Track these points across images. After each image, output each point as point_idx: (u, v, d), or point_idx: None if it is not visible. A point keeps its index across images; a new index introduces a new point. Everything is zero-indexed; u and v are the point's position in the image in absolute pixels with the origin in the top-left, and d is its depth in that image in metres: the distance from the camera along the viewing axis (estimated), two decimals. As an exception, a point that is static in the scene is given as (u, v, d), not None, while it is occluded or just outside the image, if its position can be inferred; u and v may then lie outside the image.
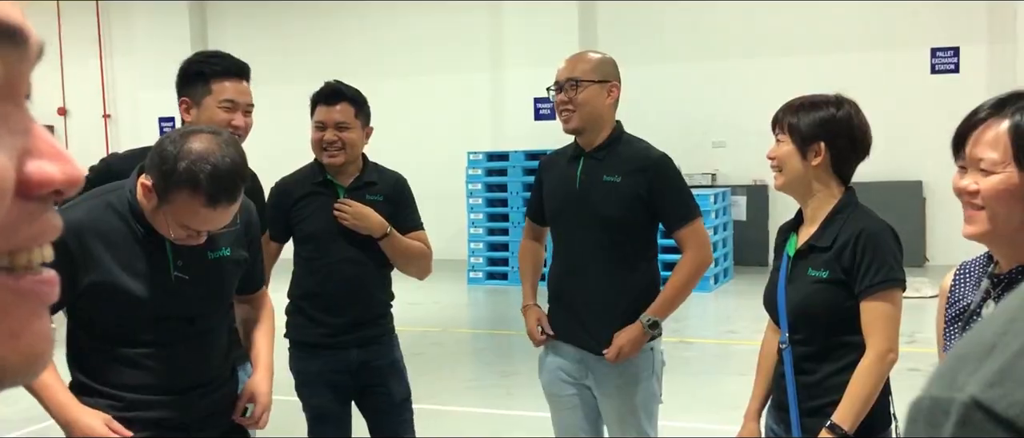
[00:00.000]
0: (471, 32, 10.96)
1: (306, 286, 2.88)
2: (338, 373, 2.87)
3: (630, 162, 2.63)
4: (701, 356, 6.34)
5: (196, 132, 1.92)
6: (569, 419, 2.76)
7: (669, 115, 10.35)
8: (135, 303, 1.99)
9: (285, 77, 11.16)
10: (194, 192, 1.84)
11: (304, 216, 2.86)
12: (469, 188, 9.85)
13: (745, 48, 10.06)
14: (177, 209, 1.88)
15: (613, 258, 2.62)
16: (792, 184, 2.15)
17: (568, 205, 2.69)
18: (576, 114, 2.64)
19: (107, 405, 2.03)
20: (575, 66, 2.67)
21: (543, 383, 2.80)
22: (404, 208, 2.95)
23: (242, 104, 2.62)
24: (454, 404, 5.22)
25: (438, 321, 7.66)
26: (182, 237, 1.95)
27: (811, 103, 2.14)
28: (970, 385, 0.31)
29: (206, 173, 1.82)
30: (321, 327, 2.86)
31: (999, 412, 0.30)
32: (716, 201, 9.07)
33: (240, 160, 1.90)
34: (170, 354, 2.06)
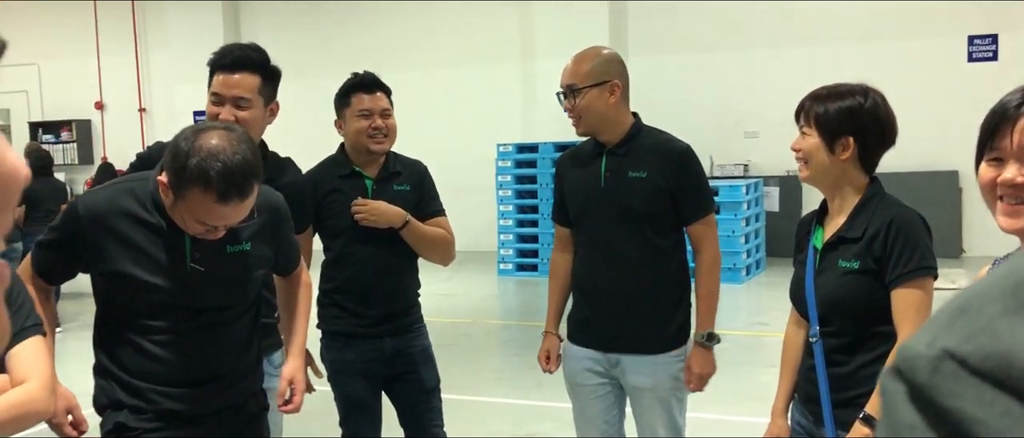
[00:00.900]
0: (501, 23, 10.95)
1: (339, 279, 2.91)
2: (372, 362, 2.90)
3: (655, 155, 2.61)
4: (732, 348, 6.28)
5: (208, 129, 1.94)
6: (592, 409, 2.75)
7: (700, 105, 10.27)
8: (148, 291, 2.03)
9: (318, 70, 11.23)
10: (206, 189, 1.86)
11: (335, 211, 2.87)
12: (499, 180, 9.86)
13: (778, 37, 9.95)
14: (191, 206, 1.91)
15: (644, 252, 2.60)
16: (818, 177, 2.12)
17: (594, 203, 2.66)
18: (582, 119, 2.62)
19: (120, 389, 2.08)
20: (574, 72, 2.62)
21: (567, 373, 2.79)
22: (428, 194, 2.98)
23: (229, 97, 2.50)
24: (483, 395, 5.24)
25: (468, 312, 7.69)
26: (200, 232, 1.98)
27: (837, 93, 2.09)
28: (941, 340, 0.32)
29: (216, 170, 1.85)
30: (355, 318, 2.89)
31: (973, 364, 0.31)
32: (748, 192, 8.99)
33: (251, 156, 1.91)
34: (183, 345, 2.08)
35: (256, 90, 2.52)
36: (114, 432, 2.07)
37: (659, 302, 2.63)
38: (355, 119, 2.85)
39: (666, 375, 2.64)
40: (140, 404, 2.06)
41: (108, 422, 2.09)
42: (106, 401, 2.10)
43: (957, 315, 0.33)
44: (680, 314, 2.67)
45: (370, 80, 2.90)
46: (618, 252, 2.62)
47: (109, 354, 2.10)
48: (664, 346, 2.63)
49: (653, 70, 10.53)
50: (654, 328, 2.62)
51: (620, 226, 2.61)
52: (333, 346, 2.94)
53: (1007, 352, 0.30)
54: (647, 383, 2.65)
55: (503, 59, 10.97)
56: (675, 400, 2.67)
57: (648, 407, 2.67)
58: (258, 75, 2.52)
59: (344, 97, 2.89)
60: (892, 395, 0.34)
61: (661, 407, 2.66)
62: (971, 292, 0.34)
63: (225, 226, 1.99)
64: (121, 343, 2.08)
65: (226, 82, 2.50)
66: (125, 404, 2.07)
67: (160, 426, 2.08)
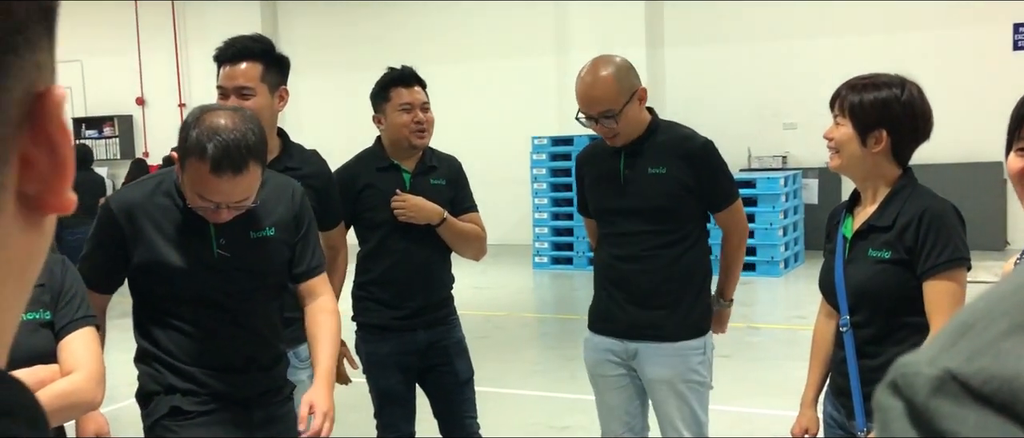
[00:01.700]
0: (537, 16, 10.93)
1: (375, 272, 2.94)
2: (407, 354, 2.93)
3: (674, 151, 2.62)
4: (769, 341, 6.24)
5: (216, 109, 2.04)
6: (614, 399, 2.76)
7: (738, 97, 10.17)
8: (178, 276, 2.09)
9: (355, 65, 11.34)
10: (201, 159, 1.94)
11: (372, 204, 2.90)
12: (534, 173, 9.86)
13: (817, 27, 9.81)
14: (190, 177, 1.99)
15: (664, 245, 2.62)
16: (848, 167, 2.11)
17: (614, 199, 2.68)
18: (621, 135, 2.61)
19: (171, 374, 2.14)
20: (603, 97, 2.55)
21: (588, 363, 2.81)
22: (462, 190, 3.01)
23: (231, 88, 2.54)
24: (518, 387, 5.26)
25: (503, 305, 7.70)
26: (201, 208, 2.05)
27: (874, 84, 2.07)
28: (943, 359, 0.31)
29: (213, 143, 1.92)
30: (390, 310, 2.92)
31: (975, 387, 0.30)
32: (786, 184, 8.88)
33: (251, 136, 1.96)
34: (212, 329, 2.14)
35: (259, 78, 2.56)
36: (169, 416, 2.12)
37: (679, 293, 2.65)
38: (396, 113, 2.87)
39: (684, 366, 2.64)
40: (193, 387, 2.13)
41: (162, 406, 2.13)
42: (156, 387, 2.15)
43: (961, 332, 0.32)
44: (699, 304, 2.69)
45: (409, 74, 2.92)
46: (639, 246, 2.64)
47: (153, 341, 2.16)
48: (681, 335, 2.64)
49: (689, 62, 10.45)
50: (673, 317, 2.64)
51: (640, 222, 2.63)
52: (368, 339, 2.97)
53: (1012, 376, 0.29)
54: (664, 374, 2.65)
55: (538, 52, 10.95)
56: (694, 393, 2.66)
57: (666, 399, 2.67)
58: (260, 63, 2.56)
59: (383, 92, 2.91)
60: (889, 412, 0.33)
61: (679, 399, 2.65)
62: (978, 306, 0.33)
63: (227, 206, 2.03)
64: (165, 330, 2.14)
65: (229, 74, 2.55)
66: (178, 388, 2.12)
67: (214, 408, 2.14)
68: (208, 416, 2.13)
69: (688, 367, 2.65)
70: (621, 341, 2.70)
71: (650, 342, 2.65)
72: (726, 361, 5.59)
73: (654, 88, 10.37)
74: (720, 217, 2.70)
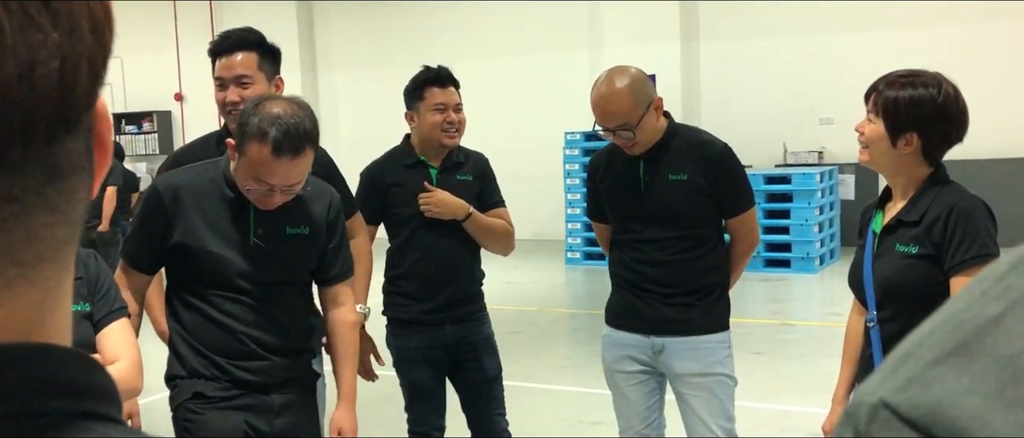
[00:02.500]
0: (570, 12, 10.90)
1: (403, 267, 2.97)
2: (435, 349, 2.95)
3: (693, 157, 2.62)
4: (804, 338, 6.18)
5: (273, 98, 2.14)
6: (634, 396, 2.76)
7: (774, 92, 10.06)
8: (213, 259, 2.16)
9: (390, 62, 11.40)
10: (262, 142, 2.03)
11: (400, 200, 2.94)
12: (566, 168, 9.84)
13: (854, 21, 9.66)
14: (249, 160, 2.07)
15: (686, 249, 2.65)
16: (878, 163, 2.11)
17: (635, 207, 2.69)
18: (639, 144, 2.61)
19: (196, 359, 2.20)
20: (619, 111, 2.56)
21: (606, 360, 2.81)
22: (489, 185, 3.04)
23: (230, 78, 2.56)
24: (549, 382, 5.26)
25: (535, 301, 7.71)
26: (254, 192, 2.12)
27: (910, 82, 2.04)
28: (882, 389, 0.33)
29: (277, 126, 2.03)
30: (418, 304, 2.95)
31: (903, 413, 0.32)
32: (822, 180, 8.78)
33: (308, 123, 2.09)
34: (239, 316, 2.20)
35: (256, 67, 2.59)
36: (193, 400, 2.19)
37: (701, 290, 2.67)
38: (429, 113, 2.90)
39: (711, 359, 2.66)
40: (216, 373, 2.19)
41: (186, 390, 2.20)
42: (181, 371, 2.22)
43: (901, 361, 0.34)
44: (721, 301, 2.72)
45: (445, 74, 2.95)
46: (661, 249, 2.66)
47: (182, 325, 2.23)
48: (707, 328, 2.66)
49: (724, 56, 10.35)
50: (698, 312, 2.67)
51: (663, 228, 2.65)
52: (397, 333, 3.00)
53: (934, 404, 0.31)
54: (692, 367, 2.66)
55: (572, 47, 10.93)
56: (722, 387, 2.68)
57: (694, 394, 2.67)
58: (255, 52, 2.60)
59: (418, 90, 2.93)
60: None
61: (708, 393, 2.66)
62: (917, 333, 0.35)
63: (280, 189, 2.10)
64: (193, 314, 2.21)
65: (226, 64, 2.58)
66: (201, 373, 2.19)
67: (236, 394, 2.21)
68: (229, 402, 2.19)
69: (714, 360, 2.67)
70: (646, 337, 2.70)
71: (676, 336, 2.66)
72: (760, 358, 5.55)
73: (688, 83, 10.30)
74: (732, 223, 2.70)
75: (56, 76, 0.38)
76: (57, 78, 0.38)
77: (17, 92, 0.36)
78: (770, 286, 7.98)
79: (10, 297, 0.39)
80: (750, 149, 9.98)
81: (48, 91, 0.37)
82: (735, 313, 2.76)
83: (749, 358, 5.55)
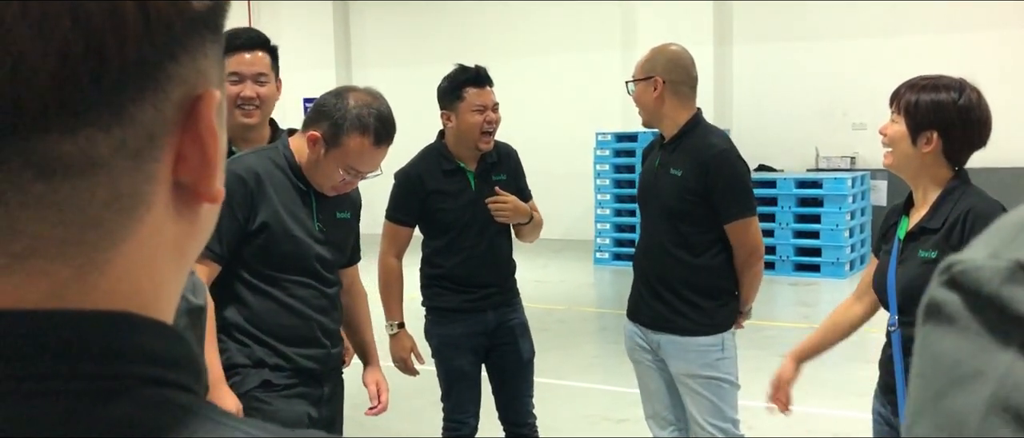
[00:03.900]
0: (604, 12, 10.93)
1: (445, 267, 3.03)
2: (477, 335, 3.04)
3: (692, 157, 2.67)
4: (832, 344, 6.17)
5: (354, 89, 2.21)
6: (652, 383, 2.89)
7: (807, 96, 10.01)
8: (294, 243, 2.21)
9: (424, 60, 11.49)
10: (364, 133, 2.13)
11: (441, 206, 2.98)
12: (597, 168, 9.87)
13: (887, 26, 9.59)
14: (346, 152, 2.15)
15: (678, 244, 2.71)
16: (900, 165, 2.15)
17: (646, 194, 2.84)
18: (642, 112, 2.77)
19: (260, 348, 2.23)
20: (637, 64, 2.78)
21: (626, 349, 2.96)
22: (522, 180, 3.12)
23: (249, 74, 2.55)
24: (576, 379, 5.32)
25: (563, 299, 7.76)
26: (338, 183, 2.19)
27: (932, 85, 2.09)
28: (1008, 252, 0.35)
29: (374, 116, 2.13)
30: (461, 295, 3.03)
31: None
32: (854, 185, 8.74)
33: (389, 108, 2.23)
34: (306, 300, 2.26)
35: (269, 67, 2.61)
36: (261, 388, 2.23)
37: (696, 291, 2.72)
38: (469, 113, 2.93)
39: (701, 362, 2.71)
40: (280, 362, 2.24)
41: (253, 379, 2.23)
42: (244, 360, 2.23)
43: (1020, 229, 0.36)
44: (717, 306, 2.73)
45: (483, 75, 2.97)
46: (660, 242, 2.75)
47: (250, 311, 2.23)
48: (698, 329, 2.71)
49: (758, 59, 10.31)
50: (690, 313, 2.72)
51: (660, 219, 2.75)
52: (441, 321, 3.06)
53: None
54: (684, 368, 2.74)
55: (605, 47, 10.95)
56: (714, 389, 2.72)
57: (686, 393, 2.76)
58: (268, 53, 2.62)
59: (456, 90, 2.95)
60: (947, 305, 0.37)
61: (697, 395, 2.73)
62: (1013, 215, 0.37)
63: (363, 176, 2.21)
64: (265, 301, 2.23)
65: (247, 60, 2.56)
66: (267, 363, 2.23)
67: (296, 382, 2.26)
68: (291, 390, 2.25)
69: (705, 362, 2.71)
70: (647, 330, 2.82)
71: (668, 334, 2.75)
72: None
73: (721, 86, 10.28)
74: (729, 230, 2.70)
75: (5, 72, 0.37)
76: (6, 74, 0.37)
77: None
78: (799, 290, 7.96)
79: (10, 284, 0.40)
80: (782, 153, 9.96)
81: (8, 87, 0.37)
82: (764, 316, 2.81)
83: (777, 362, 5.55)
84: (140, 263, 0.43)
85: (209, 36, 0.44)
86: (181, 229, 0.45)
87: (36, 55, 0.37)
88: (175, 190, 0.44)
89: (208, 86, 0.44)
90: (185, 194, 0.45)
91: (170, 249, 0.45)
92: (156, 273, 0.44)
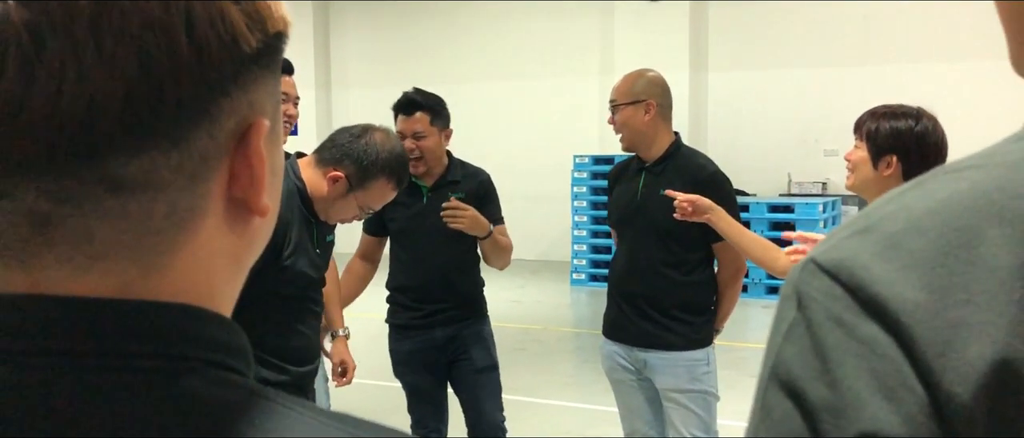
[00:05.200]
0: (583, 38, 11.10)
1: (400, 279, 3.12)
2: (427, 351, 3.07)
3: (685, 176, 2.76)
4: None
5: (373, 129, 2.27)
6: (634, 401, 2.93)
7: (780, 122, 10.22)
8: (307, 268, 2.27)
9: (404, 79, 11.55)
10: (390, 177, 2.22)
11: (394, 216, 3.06)
12: (574, 191, 10.00)
13: (861, 54, 9.84)
14: (371, 193, 2.24)
15: (669, 263, 2.78)
16: (861, 187, 2.29)
17: (630, 214, 2.87)
18: (622, 136, 2.82)
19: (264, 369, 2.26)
20: (616, 89, 2.83)
21: (605, 368, 2.99)
22: (488, 204, 3.09)
23: (293, 96, 2.97)
24: (552, 398, 5.39)
25: (540, 319, 7.84)
26: (347, 219, 2.29)
27: (892, 113, 2.25)
28: (809, 253, 0.50)
29: (398, 161, 2.23)
30: (409, 312, 3.09)
31: (822, 263, 0.48)
32: (825, 210, 8.92)
33: None
34: (304, 320, 2.34)
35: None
36: None
37: (684, 309, 2.80)
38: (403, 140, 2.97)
39: (689, 376, 2.79)
40: (283, 379, 2.28)
41: None
42: None
43: (825, 239, 0.50)
44: (702, 321, 2.84)
45: (406, 102, 3.01)
46: (648, 261, 2.81)
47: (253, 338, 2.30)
48: (686, 345, 2.79)
49: (733, 86, 10.52)
50: (678, 329, 2.80)
51: (650, 238, 2.80)
52: (394, 337, 3.15)
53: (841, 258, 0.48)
54: (672, 383, 2.81)
55: (583, 72, 11.11)
56: (701, 403, 2.81)
57: (675, 408, 2.82)
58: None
59: (394, 116, 3.03)
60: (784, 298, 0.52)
61: (686, 409, 2.80)
62: (836, 228, 0.52)
63: (372, 212, 2.33)
64: (267, 323, 2.26)
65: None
66: (271, 381, 2.26)
67: None
68: None
69: (693, 377, 2.80)
70: (631, 349, 2.87)
71: (657, 351, 2.81)
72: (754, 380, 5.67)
73: (697, 112, 10.47)
74: (717, 247, 2.80)
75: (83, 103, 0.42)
76: (84, 105, 0.42)
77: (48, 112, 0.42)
78: (771, 312, 8.04)
79: (88, 279, 0.46)
80: (755, 177, 10.14)
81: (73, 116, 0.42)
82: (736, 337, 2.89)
83: (749, 382, 5.66)
84: (196, 267, 0.49)
85: (260, 72, 0.49)
86: (234, 239, 0.51)
87: (107, 90, 0.43)
88: (229, 205, 0.50)
89: (259, 116, 0.50)
90: (238, 209, 0.50)
91: (225, 257, 0.51)
92: (212, 276, 0.50)
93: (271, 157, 0.51)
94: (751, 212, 8.92)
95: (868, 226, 0.48)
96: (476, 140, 9.85)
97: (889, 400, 0.44)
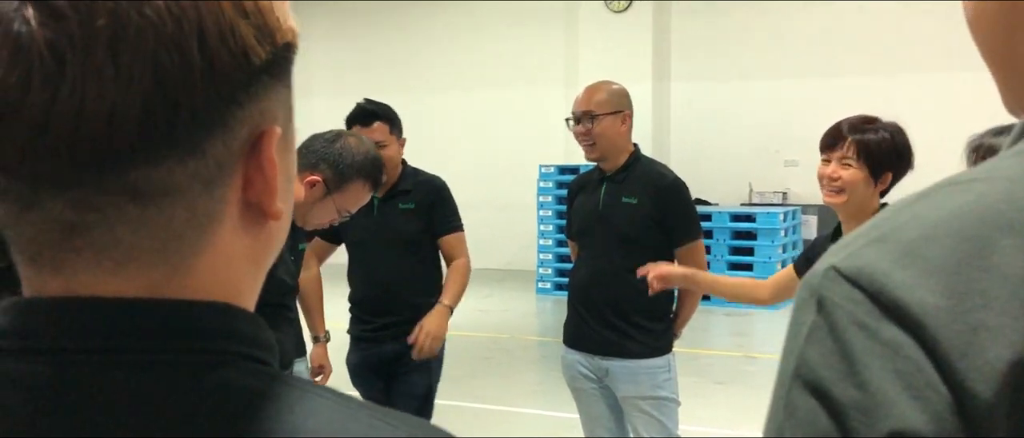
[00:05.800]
0: (547, 48, 11.19)
1: (354, 291, 3.16)
2: (371, 363, 3.09)
3: (647, 184, 2.82)
4: (766, 370, 6.39)
5: (343, 134, 2.31)
6: (595, 409, 2.95)
7: (741, 132, 10.38)
8: (285, 275, 2.30)
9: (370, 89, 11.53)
10: (366, 180, 2.25)
11: (345, 227, 3.01)
12: (540, 200, 10.06)
13: (821, 65, 10.04)
14: (348, 196, 2.26)
15: (632, 269, 2.77)
16: (853, 205, 2.16)
17: (591, 224, 2.90)
18: (596, 145, 2.82)
19: None
20: (591, 98, 2.83)
21: (566, 377, 3.01)
22: (441, 211, 3.06)
23: None
24: (520, 406, 5.42)
25: (506, 328, 7.86)
26: (325, 223, 2.30)
27: (874, 127, 2.16)
28: (829, 261, 0.52)
29: (372, 163, 2.26)
30: (364, 324, 3.11)
31: (842, 270, 0.50)
32: (786, 219, 9.07)
33: None
34: (280, 331, 2.35)
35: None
36: None
37: (646, 315, 2.84)
38: None
39: (651, 383, 2.83)
40: None
41: None
42: None
43: (841, 247, 0.53)
44: (663, 328, 2.89)
45: (364, 113, 3.01)
46: (610, 270, 2.84)
47: None
48: (647, 352, 2.84)
49: (695, 97, 10.67)
50: (639, 337, 2.83)
51: (613, 246, 2.84)
52: (350, 347, 3.17)
53: (862, 265, 0.50)
54: (633, 391, 2.84)
55: (548, 83, 11.19)
56: (663, 409, 2.85)
57: (637, 415, 2.86)
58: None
59: (350, 125, 3.01)
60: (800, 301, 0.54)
61: (648, 416, 2.84)
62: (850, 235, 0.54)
63: (349, 215, 2.34)
64: None
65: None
66: None
67: None
68: None
69: (654, 384, 2.84)
70: (592, 357, 2.90)
71: (619, 359, 2.84)
72: (722, 388, 5.76)
73: (659, 122, 10.59)
74: (680, 253, 2.85)
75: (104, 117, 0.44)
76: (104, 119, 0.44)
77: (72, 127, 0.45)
78: (734, 320, 8.21)
79: (118, 281, 0.49)
80: (717, 187, 10.28)
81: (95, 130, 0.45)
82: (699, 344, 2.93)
83: (712, 388, 5.75)
84: (219, 268, 0.52)
85: (270, 81, 0.52)
86: (251, 242, 0.54)
87: (126, 104, 0.45)
88: (245, 209, 0.52)
89: (271, 124, 0.52)
90: (254, 213, 0.53)
91: (244, 258, 0.54)
92: (233, 276, 0.53)
93: (284, 163, 0.54)
94: (714, 222, 9.04)
95: (883, 235, 0.51)
96: (441, 149, 9.88)
97: (916, 399, 0.46)
